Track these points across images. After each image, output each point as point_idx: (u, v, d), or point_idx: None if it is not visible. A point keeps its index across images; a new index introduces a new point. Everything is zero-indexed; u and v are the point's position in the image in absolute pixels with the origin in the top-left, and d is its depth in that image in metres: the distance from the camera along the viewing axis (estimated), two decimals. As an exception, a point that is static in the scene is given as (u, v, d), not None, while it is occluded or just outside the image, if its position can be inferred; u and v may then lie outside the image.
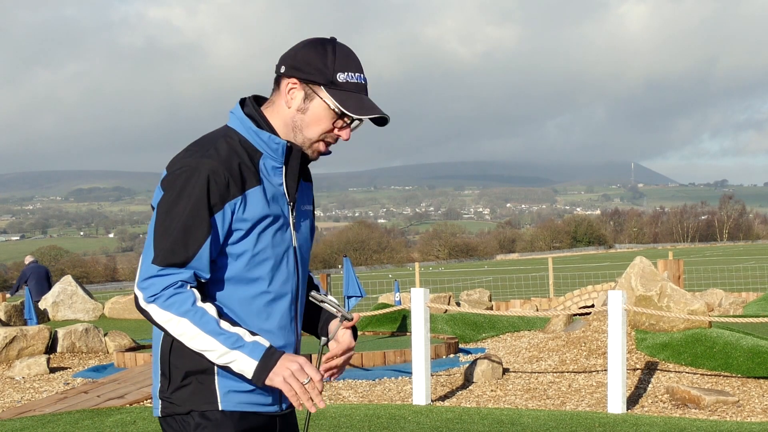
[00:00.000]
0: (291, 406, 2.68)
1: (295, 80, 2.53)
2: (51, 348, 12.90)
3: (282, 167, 2.57)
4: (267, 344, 2.45)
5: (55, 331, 13.16)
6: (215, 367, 2.51)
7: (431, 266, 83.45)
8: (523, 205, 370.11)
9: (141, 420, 8.16)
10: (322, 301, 2.66)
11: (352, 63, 2.54)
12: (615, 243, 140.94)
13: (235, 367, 2.43)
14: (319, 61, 2.52)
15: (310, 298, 2.71)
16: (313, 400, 2.44)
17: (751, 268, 35.84)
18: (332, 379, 2.71)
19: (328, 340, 2.65)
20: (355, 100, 2.52)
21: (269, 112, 2.59)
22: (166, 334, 2.48)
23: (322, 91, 2.52)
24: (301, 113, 2.54)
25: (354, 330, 2.72)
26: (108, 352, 13.26)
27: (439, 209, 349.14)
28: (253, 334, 2.47)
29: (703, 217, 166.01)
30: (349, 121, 2.55)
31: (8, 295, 22.84)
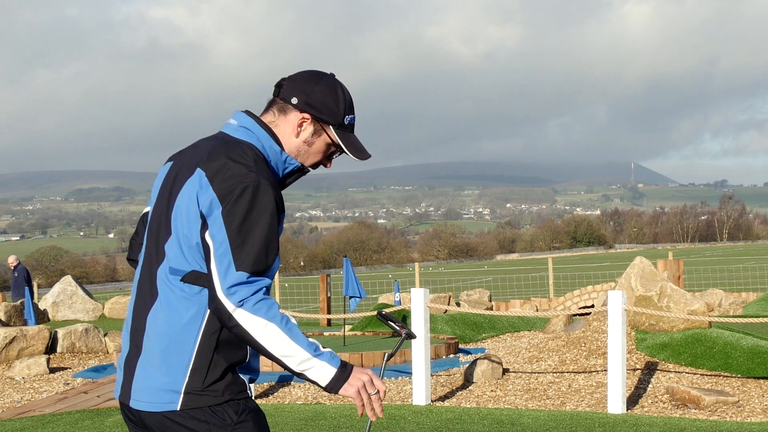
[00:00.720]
0: None
1: (308, 116, 2.77)
2: (51, 348, 12.89)
3: (277, 183, 2.77)
4: (338, 356, 2.61)
5: (55, 332, 13.16)
6: (249, 360, 2.68)
7: (431, 266, 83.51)
8: (523, 205, 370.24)
9: (141, 420, 8.15)
10: (388, 320, 2.82)
11: (353, 105, 2.83)
12: (615, 243, 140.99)
13: (312, 375, 2.56)
14: (333, 104, 2.77)
15: (378, 317, 2.92)
16: (375, 410, 2.62)
17: (751, 268, 35.86)
18: None
19: (392, 355, 2.81)
20: (353, 141, 2.82)
21: (276, 133, 2.82)
22: (243, 338, 2.56)
23: (331, 131, 2.79)
24: (306, 145, 2.79)
25: None
26: (108, 352, 13.26)
27: (439, 209, 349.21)
28: (323, 346, 2.65)
29: (703, 218, 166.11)
30: (336, 154, 2.85)
31: (8, 296, 22.80)
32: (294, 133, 2.76)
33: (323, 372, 2.55)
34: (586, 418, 7.83)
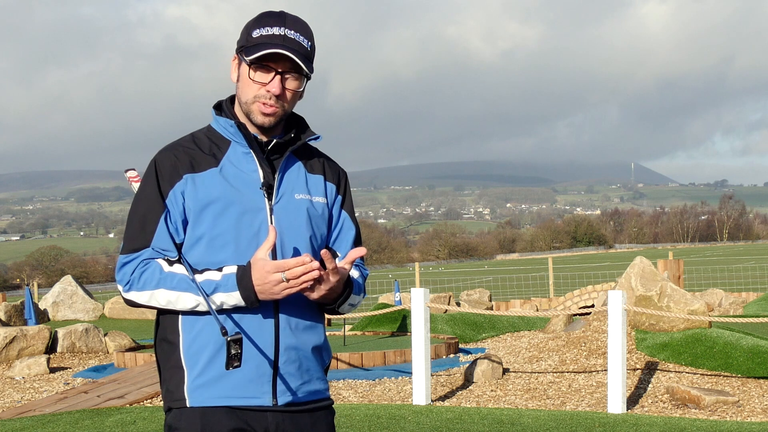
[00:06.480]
0: (302, 403, 2.54)
1: (234, 55, 2.58)
2: (51, 348, 12.89)
3: (250, 152, 2.54)
4: (233, 270, 2.42)
5: (55, 331, 13.15)
6: (183, 361, 2.47)
7: (431, 266, 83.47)
8: (523, 205, 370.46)
9: (141, 420, 8.15)
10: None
11: (273, 19, 2.50)
12: (615, 243, 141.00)
13: (227, 307, 2.43)
14: (245, 29, 2.54)
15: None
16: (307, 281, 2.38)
17: (751, 268, 35.85)
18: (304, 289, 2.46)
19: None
20: (261, 47, 2.47)
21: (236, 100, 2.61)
22: (159, 313, 2.53)
23: (242, 53, 2.52)
24: (238, 82, 2.55)
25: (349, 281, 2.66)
26: (108, 352, 13.25)
27: (439, 209, 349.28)
28: (220, 269, 2.44)
29: (703, 217, 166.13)
30: (273, 75, 2.49)
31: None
32: (233, 81, 2.58)
33: (231, 300, 2.40)
34: (586, 418, 7.82)
